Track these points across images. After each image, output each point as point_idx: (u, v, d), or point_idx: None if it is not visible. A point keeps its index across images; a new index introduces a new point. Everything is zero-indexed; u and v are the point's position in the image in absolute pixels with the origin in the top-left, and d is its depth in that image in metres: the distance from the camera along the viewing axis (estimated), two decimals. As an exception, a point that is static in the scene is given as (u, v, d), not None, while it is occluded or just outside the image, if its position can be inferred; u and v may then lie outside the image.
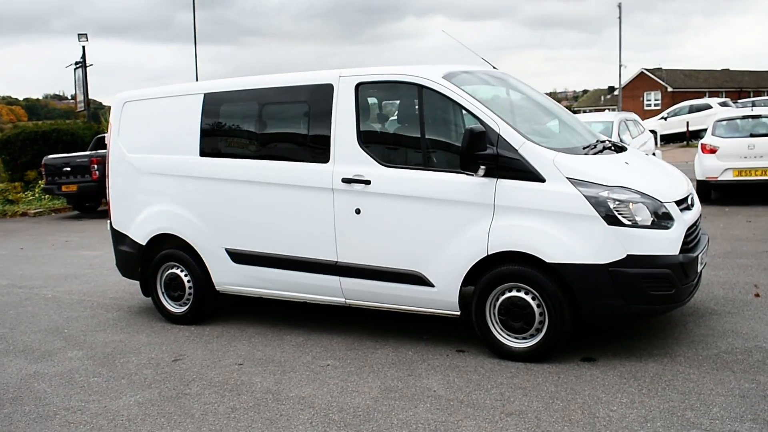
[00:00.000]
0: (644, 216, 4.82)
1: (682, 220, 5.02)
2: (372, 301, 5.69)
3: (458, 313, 5.34)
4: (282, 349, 5.75)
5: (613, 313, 4.89)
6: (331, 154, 5.64)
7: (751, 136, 11.75)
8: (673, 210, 4.98)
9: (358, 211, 5.53)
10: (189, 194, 6.44)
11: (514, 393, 4.57)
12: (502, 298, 5.11)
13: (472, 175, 5.06)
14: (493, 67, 6.40)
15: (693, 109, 29.68)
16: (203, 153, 6.34)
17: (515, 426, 4.10)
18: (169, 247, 6.68)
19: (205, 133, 6.35)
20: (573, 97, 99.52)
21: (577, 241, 4.82)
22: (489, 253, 5.05)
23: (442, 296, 5.31)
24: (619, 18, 38.34)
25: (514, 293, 5.07)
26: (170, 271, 6.69)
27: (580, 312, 4.96)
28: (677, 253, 4.88)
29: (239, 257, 6.22)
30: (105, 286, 8.68)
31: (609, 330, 5.63)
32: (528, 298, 5.03)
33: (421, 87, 5.37)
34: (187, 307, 6.64)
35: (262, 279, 6.16)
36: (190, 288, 6.59)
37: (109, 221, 7.17)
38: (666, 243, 4.85)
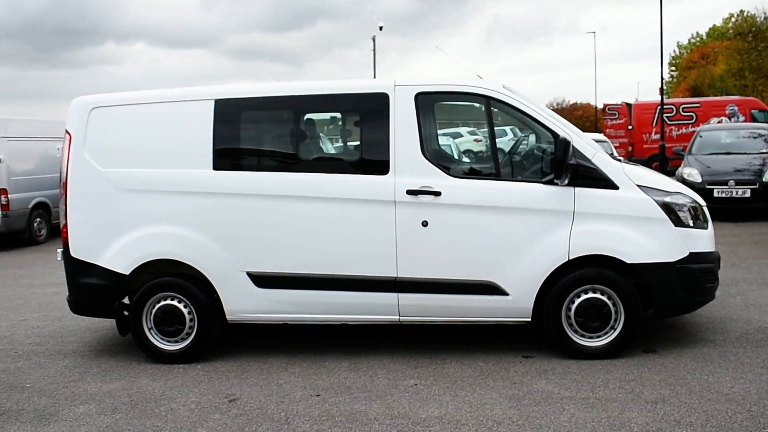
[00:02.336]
0: (695, 217, 5.48)
1: (710, 221, 5.79)
2: (433, 316, 5.56)
3: (529, 319, 5.48)
4: (344, 376, 5.33)
5: (679, 305, 5.46)
6: (391, 165, 5.43)
7: None
8: (707, 212, 5.73)
9: (425, 224, 5.39)
10: (196, 213, 5.66)
11: (630, 385, 4.85)
12: (578, 300, 5.37)
13: (556, 183, 5.28)
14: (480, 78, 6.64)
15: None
16: (218, 166, 5.64)
17: (675, 411, 4.37)
18: (158, 276, 5.79)
19: (220, 145, 5.66)
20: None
21: (651, 242, 5.30)
22: (570, 258, 5.30)
23: (517, 304, 5.40)
24: (374, 51, 40.62)
25: (590, 295, 5.37)
26: (163, 303, 5.77)
27: (651, 308, 5.42)
28: (714, 249, 5.62)
29: (266, 281, 5.62)
30: (5, 330, 7.11)
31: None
32: (604, 298, 5.36)
33: (489, 98, 5.45)
34: (187, 342, 5.78)
35: (294, 303, 5.64)
36: (191, 321, 5.77)
37: (61, 249, 5.98)
38: (709, 240, 5.56)
